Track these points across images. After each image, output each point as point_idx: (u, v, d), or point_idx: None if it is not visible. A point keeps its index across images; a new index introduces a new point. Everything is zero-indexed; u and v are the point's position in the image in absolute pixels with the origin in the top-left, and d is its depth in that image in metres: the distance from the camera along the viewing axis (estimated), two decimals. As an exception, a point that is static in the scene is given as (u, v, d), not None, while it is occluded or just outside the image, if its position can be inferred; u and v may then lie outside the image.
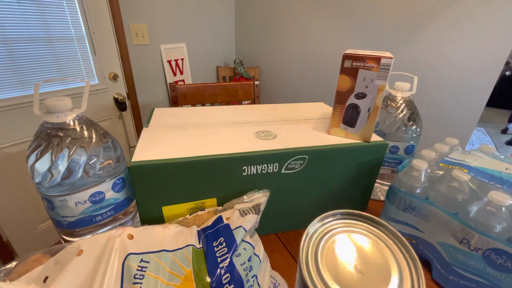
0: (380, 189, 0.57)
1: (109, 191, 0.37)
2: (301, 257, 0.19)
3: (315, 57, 1.63)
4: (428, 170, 0.40)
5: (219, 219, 0.33)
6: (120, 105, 1.39)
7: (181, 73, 1.78)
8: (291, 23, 1.68)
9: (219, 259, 0.28)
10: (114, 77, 1.35)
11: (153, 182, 0.35)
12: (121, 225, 0.41)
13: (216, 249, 0.29)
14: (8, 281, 0.24)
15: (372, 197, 0.57)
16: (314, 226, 0.21)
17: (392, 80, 0.53)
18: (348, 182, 0.45)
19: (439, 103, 1.20)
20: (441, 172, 0.39)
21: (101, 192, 0.37)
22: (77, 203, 0.35)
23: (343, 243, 0.19)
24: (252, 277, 0.30)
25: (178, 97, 1.10)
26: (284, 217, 0.46)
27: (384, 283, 0.16)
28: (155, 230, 0.31)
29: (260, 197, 0.37)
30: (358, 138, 0.44)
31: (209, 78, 2.01)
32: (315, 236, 0.20)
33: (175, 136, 0.42)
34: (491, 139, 3.05)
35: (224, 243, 0.30)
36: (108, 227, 0.40)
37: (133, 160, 0.34)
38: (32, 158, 0.33)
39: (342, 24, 1.44)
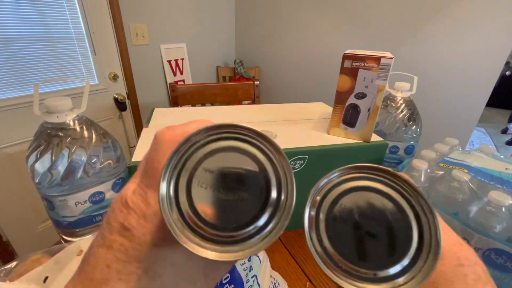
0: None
1: (109, 191, 0.37)
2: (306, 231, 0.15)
3: (315, 57, 1.63)
4: (428, 170, 0.40)
5: (219, 219, 0.33)
6: (120, 105, 1.39)
7: (181, 73, 1.78)
8: (291, 23, 1.67)
9: (219, 259, 0.28)
10: (114, 77, 1.35)
11: (153, 182, 0.35)
12: (121, 225, 0.41)
13: (216, 249, 0.29)
14: (8, 281, 0.24)
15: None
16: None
17: (392, 80, 0.53)
18: (348, 182, 0.45)
19: (439, 103, 1.20)
20: (441, 172, 0.39)
21: (101, 192, 0.37)
22: (77, 203, 0.35)
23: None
24: (252, 277, 0.30)
25: (178, 97, 1.10)
26: (284, 217, 0.46)
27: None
28: (155, 230, 0.31)
29: (260, 197, 0.37)
30: (358, 138, 0.44)
31: (209, 78, 2.01)
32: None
33: (175, 136, 0.42)
34: (491, 139, 3.05)
35: (224, 243, 0.30)
36: (108, 227, 0.40)
37: (133, 160, 0.34)
38: (32, 158, 0.33)
39: (342, 24, 1.44)
